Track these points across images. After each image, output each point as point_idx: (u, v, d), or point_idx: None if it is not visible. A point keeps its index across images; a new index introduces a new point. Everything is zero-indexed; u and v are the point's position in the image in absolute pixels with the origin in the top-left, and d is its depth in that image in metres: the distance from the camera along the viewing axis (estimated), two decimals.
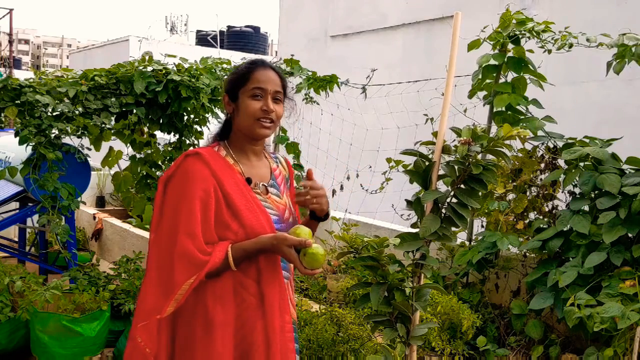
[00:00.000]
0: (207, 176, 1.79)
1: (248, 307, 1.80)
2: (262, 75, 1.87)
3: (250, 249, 1.77)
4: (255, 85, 1.86)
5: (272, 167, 2.01)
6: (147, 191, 4.44)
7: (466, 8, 6.52)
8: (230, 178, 1.83)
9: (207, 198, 1.76)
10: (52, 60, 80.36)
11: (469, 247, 3.85)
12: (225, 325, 1.77)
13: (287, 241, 1.74)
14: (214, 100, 4.28)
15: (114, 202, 7.86)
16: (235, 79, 1.91)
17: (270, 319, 1.80)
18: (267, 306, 1.81)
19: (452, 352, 3.26)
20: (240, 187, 1.84)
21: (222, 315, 1.77)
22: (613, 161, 3.25)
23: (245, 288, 1.81)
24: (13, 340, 3.67)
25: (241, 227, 1.79)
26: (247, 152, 1.93)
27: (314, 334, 3.21)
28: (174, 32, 22.50)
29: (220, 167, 1.83)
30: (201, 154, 1.83)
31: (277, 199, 1.95)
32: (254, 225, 1.80)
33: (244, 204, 1.81)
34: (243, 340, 1.80)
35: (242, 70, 1.91)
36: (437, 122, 2.36)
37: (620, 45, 3.29)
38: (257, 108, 1.84)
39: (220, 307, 1.78)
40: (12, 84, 3.71)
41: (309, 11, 9.85)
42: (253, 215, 1.81)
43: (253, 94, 1.85)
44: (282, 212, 1.93)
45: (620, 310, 2.68)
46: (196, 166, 1.80)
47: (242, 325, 1.80)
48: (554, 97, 4.37)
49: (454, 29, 2.27)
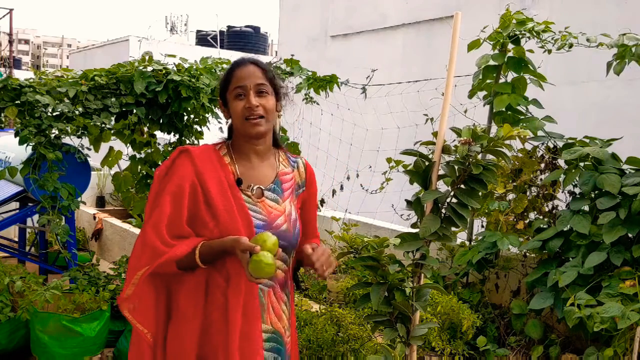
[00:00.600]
0: (187, 173, 1.81)
1: (218, 307, 1.80)
2: (240, 72, 1.86)
3: (216, 247, 1.76)
4: (236, 84, 1.85)
5: (280, 170, 1.96)
6: (147, 191, 4.43)
7: (466, 8, 6.53)
8: (215, 177, 1.83)
9: (181, 193, 1.78)
10: (52, 60, 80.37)
11: (469, 247, 3.85)
12: (193, 320, 1.80)
13: (240, 245, 1.69)
14: (214, 100, 4.28)
15: (114, 202, 7.87)
16: (221, 84, 1.93)
17: (232, 322, 1.78)
18: (230, 310, 1.79)
19: (452, 352, 3.26)
20: (224, 186, 1.83)
21: (192, 310, 1.81)
22: (613, 161, 3.25)
23: (217, 286, 1.81)
24: (13, 340, 3.67)
25: (216, 226, 1.79)
26: (247, 153, 1.91)
27: (314, 334, 3.21)
28: (174, 32, 22.49)
29: (206, 166, 1.83)
30: (189, 151, 1.85)
31: (273, 204, 1.89)
32: (228, 226, 1.78)
33: (223, 204, 1.80)
34: (208, 342, 1.80)
35: (225, 73, 1.92)
36: (437, 122, 2.36)
37: (620, 45, 3.29)
38: (241, 107, 1.84)
39: (192, 302, 1.81)
40: (12, 84, 3.71)
41: (309, 11, 9.85)
42: (230, 216, 1.80)
43: (236, 94, 1.85)
44: (273, 218, 1.87)
45: (620, 310, 2.68)
46: (180, 162, 1.83)
47: (208, 326, 1.81)
48: (554, 97, 4.37)
49: (454, 29, 2.27)
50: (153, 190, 1.86)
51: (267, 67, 1.90)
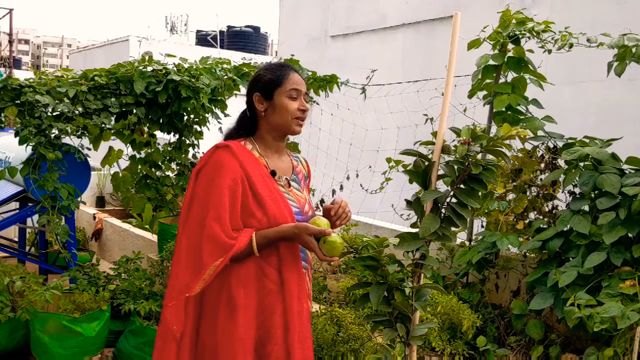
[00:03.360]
0: (236, 167, 1.92)
1: (269, 292, 1.92)
2: (296, 77, 2.04)
3: (272, 236, 1.90)
4: (293, 86, 2.01)
5: (293, 164, 2.16)
6: (146, 191, 4.43)
7: (466, 8, 6.53)
8: (257, 170, 1.96)
9: (235, 187, 1.90)
10: (52, 60, 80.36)
11: (469, 247, 3.85)
12: (247, 308, 1.89)
13: (308, 230, 1.87)
14: (214, 100, 4.28)
15: (114, 202, 7.87)
16: (271, 80, 2.03)
17: (289, 303, 1.91)
18: (287, 292, 1.92)
19: (452, 352, 3.26)
20: (265, 178, 1.97)
21: (244, 299, 1.90)
22: (613, 161, 3.25)
23: (266, 275, 1.94)
24: (13, 340, 3.67)
25: (265, 215, 1.92)
26: (271, 148, 2.06)
27: (313, 334, 3.20)
28: (174, 32, 22.49)
29: (247, 159, 1.96)
30: (230, 146, 1.96)
31: (299, 192, 2.08)
32: (276, 214, 1.93)
33: (268, 195, 1.94)
34: (263, 324, 1.91)
35: (277, 71, 2.05)
36: (437, 122, 2.36)
37: (620, 46, 3.28)
38: (296, 107, 2.01)
39: (243, 291, 1.90)
40: (12, 84, 3.71)
41: (309, 11, 9.84)
42: (276, 206, 1.94)
43: (290, 95, 2.01)
44: (303, 205, 2.06)
45: (620, 310, 2.68)
46: (226, 157, 1.93)
47: (262, 310, 1.92)
48: (554, 97, 4.36)
49: (454, 29, 2.27)
50: (197, 185, 1.95)
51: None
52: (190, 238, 1.92)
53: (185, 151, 4.50)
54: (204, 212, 1.89)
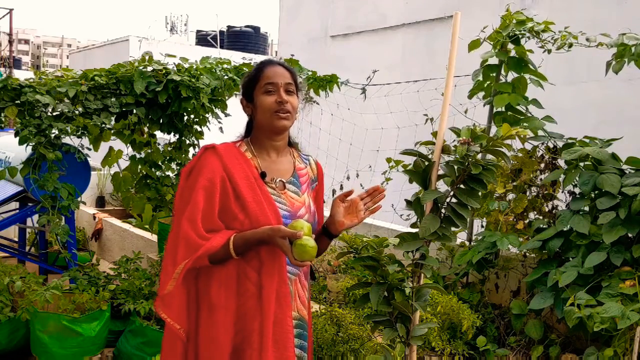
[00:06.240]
0: (217, 167, 1.89)
1: (250, 296, 1.89)
2: (271, 71, 1.98)
3: (250, 238, 1.85)
4: (266, 81, 1.96)
5: (297, 165, 2.08)
6: (146, 191, 4.43)
7: (466, 8, 6.52)
8: (242, 171, 1.92)
9: (212, 187, 1.87)
10: (52, 60, 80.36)
11: (469, 247, 3.85)
12: (227, 309, 1.87)
13: (280, 232, 1.81)
14: (214, 100, 4.28)
15: (114, 202, 7.87)
16: (248, 81, 2.02)
17: (266, 308, 1.87)
18: (264, 296, 1.87)
19: (452, 352, 3.26)
20: (250, 180, 1.92)
21: (224, 301, 1.88)
22: (613, 161, 3.25)
23: (248, 278, 1.89)
24: (13, 340, 3.67)
25: (247, 217, 1.88)
26: (267, 149, 2.01)
27: (314, 334, 3.20)
28: (174, 32, 22.48)
29: (232, 160, 1.93)
30: (216, 147, 1.94)
31: (295, 196, 2.00)
32: (258, 216, 1.88)
33: (252, 196, 1.90)
34: (243, 328, 1.89)
35: (253, 71, 2.02)
36: (437, 122, 2.36)
37: (619, 45, 3.29)
38: (272, 101, 1.94)
39: (223, 293, 1.88)
40: (12, 84, 3.71)
41: (309, 11, 9.85)
42: (259, 208, 1.89)
43: (266, 90, 1.95)
44: (297, 209, 1.98)
45: (620, 310, 2.68)
46: (209, 159, 1.91)
47: (243, 314, 1.89)
48: (554, 97, 4.36)
49: (454, 29, 2.27)
50: (182, 187, 1.95)
51: (292, 70, 2.03)
52: (170, 238, 1.94)
53: (185, 151, 4.49)
54: (180, 213, 1.90)
